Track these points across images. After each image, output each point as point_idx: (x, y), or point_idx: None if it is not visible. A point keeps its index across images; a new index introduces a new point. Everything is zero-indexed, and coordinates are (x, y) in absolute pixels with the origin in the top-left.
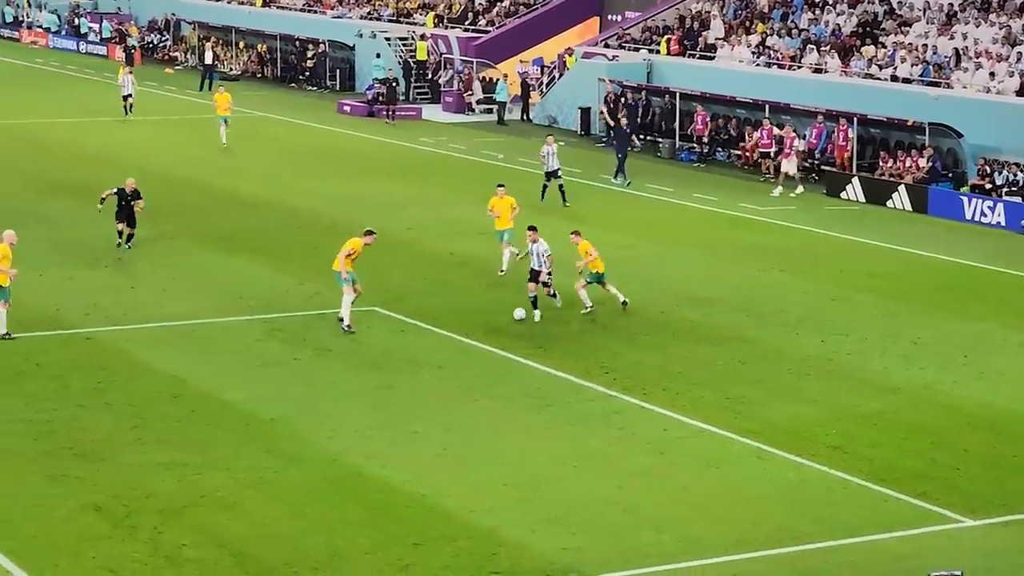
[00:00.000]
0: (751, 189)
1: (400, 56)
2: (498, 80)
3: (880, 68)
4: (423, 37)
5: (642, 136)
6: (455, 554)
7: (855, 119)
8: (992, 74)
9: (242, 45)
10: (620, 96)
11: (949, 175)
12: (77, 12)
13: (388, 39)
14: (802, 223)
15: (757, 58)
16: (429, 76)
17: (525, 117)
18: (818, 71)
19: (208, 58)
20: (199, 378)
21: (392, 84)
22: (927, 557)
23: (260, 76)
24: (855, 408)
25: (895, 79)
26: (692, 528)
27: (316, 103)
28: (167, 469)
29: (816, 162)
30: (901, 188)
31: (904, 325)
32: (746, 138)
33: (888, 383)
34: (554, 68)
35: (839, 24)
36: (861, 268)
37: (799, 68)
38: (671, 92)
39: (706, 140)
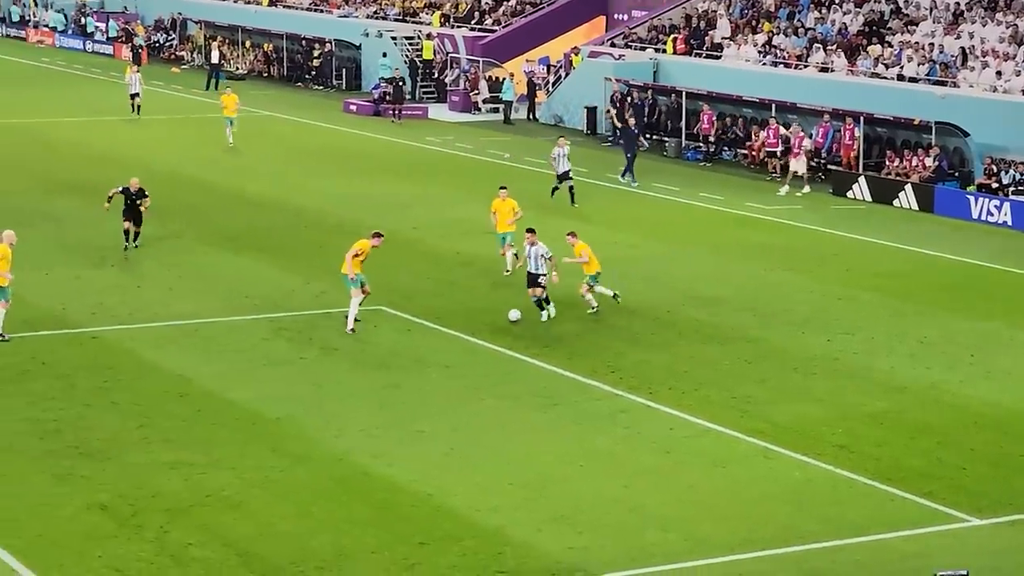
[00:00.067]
0: (757, 188)
1: (406, 55)
2: (504, 79)
3: (887, 67)
4: (429, 36)
5: (648, 135)
6: (461, 553)
7: (861, 118)
8: (999, 73)
9: (248, 44)
10: (626, 95)
11: (955, 174)
12: (83, 11)
13: (394, 38)
14: (808, 222)
15: (763, 57)
16: (435, 75)
17: (531, 116)
18: (824, 70)
19: (214, 57)
20: (205, 377)
21: (398, 83)
22: (933, 556)
23: (266, 75)
24: (861, 407)
25: (901, 78)
26: (698, 527)
27: (322, 102)
28: (173, 468)
29: (822, 161)
30: (907, 187)
31: (910, 324)
32: (752, 137)
33: (894, 382)
34: (560, 67)
35: (845, 23)
36: (867, 267)
37: (805, 67)
38: (677, 91)
39: (712, 139)
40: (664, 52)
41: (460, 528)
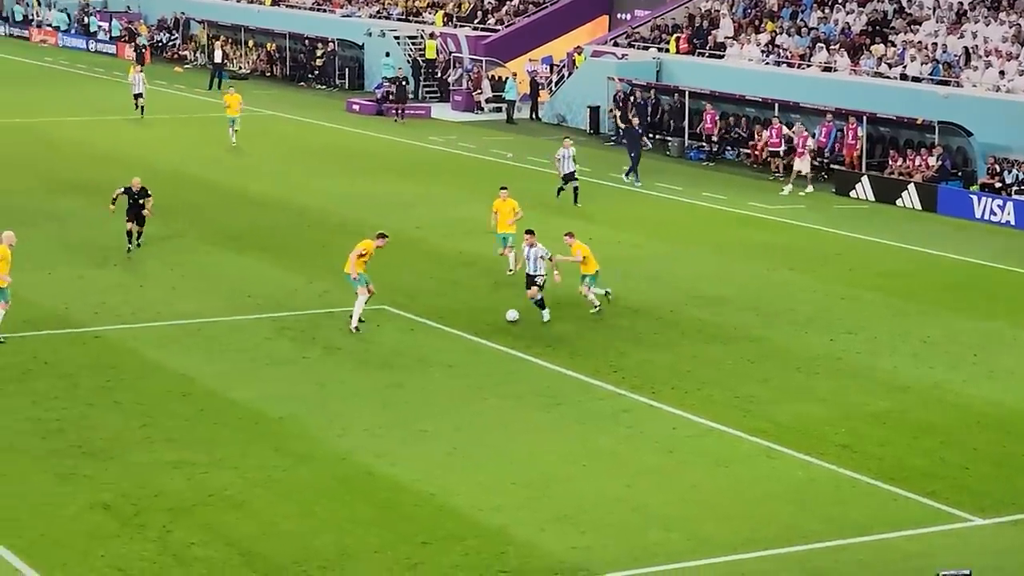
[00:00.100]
0: (760, 188)
1: (409, 55)
2: (507, 79)
3: (890, 67)
4: (432, 36)
5: (651, 135)
6: (464, 553)
7: (864, 118)
8: (1002, 73)
9: (251, 44)
10: (629, 95)
11: (959, 174)
12: (87, 11)
13: (397, 38)
14: (811, 222)
15: (766, 57)
16: (438, 75)
17: (534, 116)
18: (827, 70)
19: (217, 57)
20: (208, 377)
21: (401, 83)
22: (936, 556)
23: (269, 75)
24: (864, 407)
25: (904, 78)
26: (701, 527)
27: (325, 102)
28: (176, 468)
29: (825, 161)
30: (911, 187)
31: (913, 324)
32: (755, 137)
33: (897, 382)
34: (563, 67)
35: (848, 23)
36: (870, 267)
37: (808, 67)
38: (680, 91)
39: (715, 139)
40: (667, 51)
41: (463, 527)
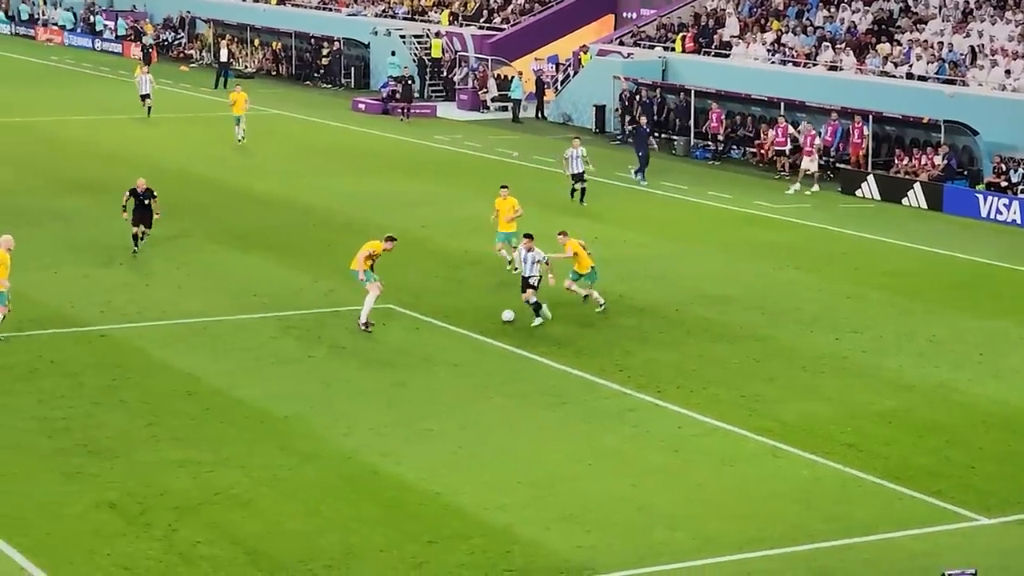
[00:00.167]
0: (766, 187)
1: (415, 54)
2: (513, 78)
3: (895, 66)
4: (438, 35)
5: (657, 134)
6: (470, 552)
7: (870, 117)
8: (1008, 72)
9: (257, 43)
10: (635, 94)
11: (964, 173)
12: (92, 10)
13: (403, 37)
14: (817, 221)
15: (772, 56)
16: (444, 74)
17: (540, 115)
18: (833, 69)
19: (223, 56)
20: (213, 375)
21: (407, 82)
22: (942, 555)
23: (275, 74)
24: (870, 406)
25: (910, 77)
26: (706, 526)
27: (331, 101)
28: (181, 466)
29: (831, 160)
30: (916, 186)
31: (919, 323)
32: (761, 136)
33: (903, 381)
34: (569, 66)
35: (854, 22)
36: (876, 266)
37: (814, 66)
38: (686, 90)
39: (721, 138)
40: (673, 50)
41: (468, 526)
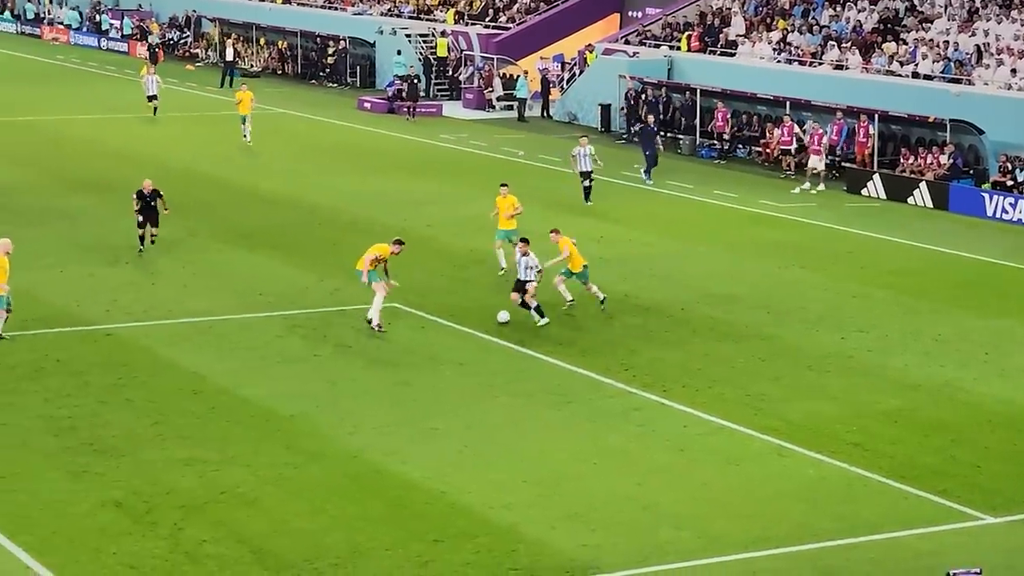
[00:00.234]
0: (772, 186)
1: (421, 53)
2: (518, 77)
3: (901, 65)
4: (443, 34)
5: (663, 133)
6: (475, 551)
7: (876, 116)
8: (1014, 71)
9: (263, 42)
10: (640, 93)
11: (970, 172)
12: (98, 9)
13: (409, 36)
14: (823, 220)
15: (778, 55)
16: (449, 73)
17: (545, 114)
18: (839, 68)
19: (229, 55)
20: (219, 374)
21: (413, 81)
22: (947, 554)
23: (281, 73)
24: (875, 405)
25: (916, 76)
26: (711, 525)
27: (336, 100)
28: (187, 465)
29: (837, 159)
30: (922, 185)
31: (924, 322)
32: (767, 135)
33: (908, 380)
34: (574, 65)
35: (860, 21)
36: (881, 265)
37: (820, 65)
38: (692, 89)
39: (727, 137)
40: (678, 49)
41: (474, 525)
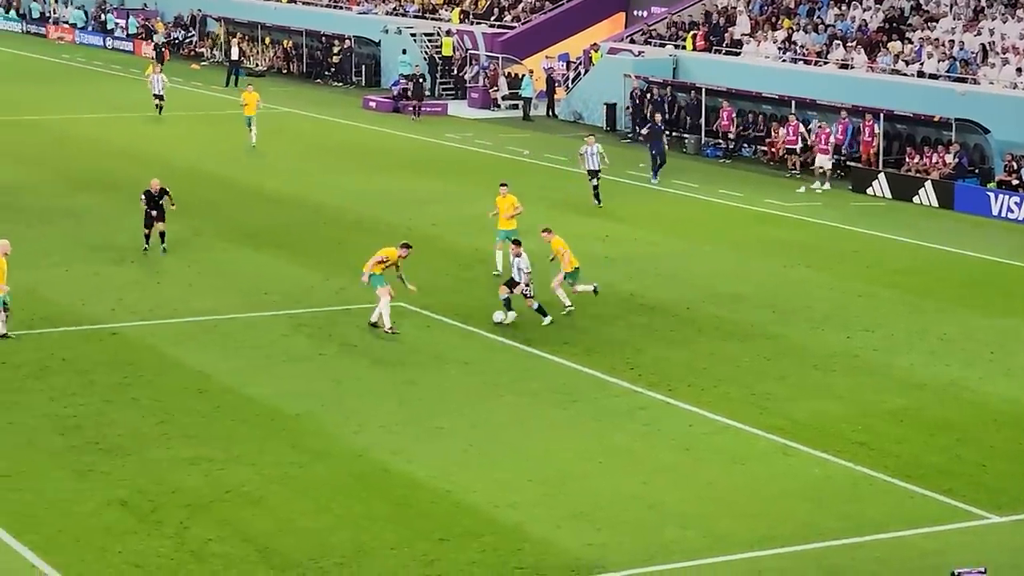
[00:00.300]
0: (777, 185)
1: (426, 52)
2: (524, 76)
3: (907, 64)
4: (449, 33)
5: (668, 132)
6: (480, 550)
7: (881, 115)
8: (1019, 70)
9: (268, 41)
10: (646, 92)
11: (976, 171)
12: (103, 8)
13: (414, 35)
14: (828, 219)
15: (783, 54)
16: (455, 72)
17: (551, 113)
18: (844, 67)
19: (234, 54)
20: (224, 373)
21: (418, 80)
22: (953, 553)
23: (286, 72)
24: (881, 404)
25: (921, 75)
26: (717, 524)
27: (342, 99)
28: (193, 464)
29: (842, 158)
30: (927, 184)
31: (930, 321)
32: (772, 134)
33: (914, 379)
34: (580, 64)
35: (865, 20)
36: (887, 264)
37: (825, 64)
38: (697, 88)
39: (732, 136)
40: (684, 48)
41: (479, 524)
